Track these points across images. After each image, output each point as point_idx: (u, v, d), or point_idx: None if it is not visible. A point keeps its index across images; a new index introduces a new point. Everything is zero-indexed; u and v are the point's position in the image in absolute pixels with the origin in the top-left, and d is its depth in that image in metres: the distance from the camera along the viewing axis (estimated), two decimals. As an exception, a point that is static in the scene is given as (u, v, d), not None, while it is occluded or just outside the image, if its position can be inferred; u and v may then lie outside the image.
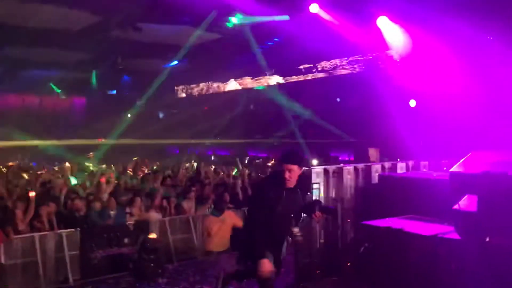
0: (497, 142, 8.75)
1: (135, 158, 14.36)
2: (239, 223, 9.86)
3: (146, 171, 13.23)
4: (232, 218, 9.66)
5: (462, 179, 4.35)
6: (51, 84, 21.49)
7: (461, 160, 4.54)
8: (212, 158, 17.83)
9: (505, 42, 9.41)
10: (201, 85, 21.44)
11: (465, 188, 4.33)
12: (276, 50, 14.19)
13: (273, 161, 15.15)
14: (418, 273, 4.39)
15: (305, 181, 4.46)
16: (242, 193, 11.21)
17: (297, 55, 14.61)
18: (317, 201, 4.41)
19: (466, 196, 4.39)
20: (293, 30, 11.06)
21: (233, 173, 13.41)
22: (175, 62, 17.26)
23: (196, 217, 9.84)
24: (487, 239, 3.99)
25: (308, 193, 4.45)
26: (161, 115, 22.76)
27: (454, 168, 4.52)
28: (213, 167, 14.36)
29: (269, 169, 14.14)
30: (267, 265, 3.92)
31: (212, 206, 9.83)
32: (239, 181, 11.72)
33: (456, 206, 4.31)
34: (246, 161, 16.32)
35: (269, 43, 12.73)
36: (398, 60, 12.30)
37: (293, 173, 4.07)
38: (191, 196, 10.24)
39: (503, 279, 3.80)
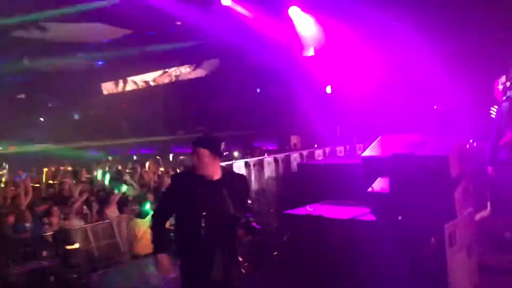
0: (406, 126, 9.27)
1: (52, 168, 13.65)
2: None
3: (64, 177, 12.60)
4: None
5: (374, 162, 4.54)
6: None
7: (372, 144, 4.73)
8: (135, 157, 17.32)
9: (414, 28, 9.93)
10: (117, 82, 20.72)
11: (377, 171, 4.52)
12: (192, 44, 14.01)
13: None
14: (339, 256, 4.53)
15: (238, 181, 3.80)
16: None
17: (213, 48, 14.53)
18: (243, 217, 3.58)
19: (379, 178, 4.59)
20: (207, 23, 10.95)
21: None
22: (88, 59, 16.54)
23: (120, 221, 9.52)
24: (399, 218, 4.20)
25: (249, 201, 3.79)
26: (76, 117, 21.73)
27: (366, 153, 4.70)
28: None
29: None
30: (163, 261, 3.63)
31: (137, 207, 9.57)
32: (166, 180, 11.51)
33: (370, 189, 4.49)
34: (171, 159, 16.04)
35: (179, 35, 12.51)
36: (312, 50, 12.60)
37: (202, 158, 3.61)
38: (113, 199, 9.89)
39: (414, 255, 4.02)
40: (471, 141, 6.70)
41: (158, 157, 13.44)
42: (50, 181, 12.11)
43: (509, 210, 5.57)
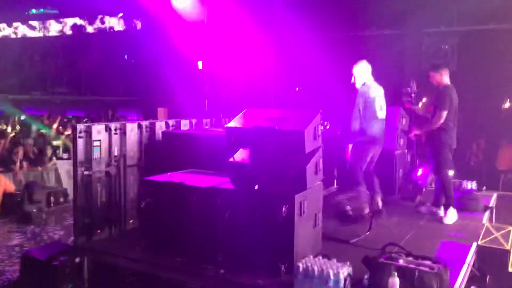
0: (271, 104, 9.71)
1: None
2: (11, 187, 8.93)
3: None
4: (2, 183, 8.69)
5: (237, 133, 4.68)
6: None
7: (237, 117, 4.86)
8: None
9: (283, 12, 10.35)
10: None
11: (239, 141, 4.67)
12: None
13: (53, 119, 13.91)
14: (198, 223, 4.61)
15: None
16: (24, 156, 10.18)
17: (76, 8, 13.51)
18: None
19: (241, 149, 4.75)
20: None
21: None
22: None
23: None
24: (256, 187, 4.40)
25: None
26: None
27: (230, 124, 4.82)
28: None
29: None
30: None
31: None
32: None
33: (231, 159, 4.63)
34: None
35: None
36: (185, 18, 12.41)
37: None
38: None
39: (267, 222, 4.27)
40: (325, 123, 7.27)
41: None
42: None
43: (350, 186, 6.23)
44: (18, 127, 12.71)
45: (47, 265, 5.09)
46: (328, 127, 7.37)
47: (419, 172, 7.19)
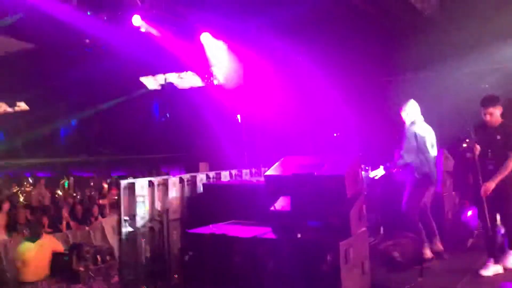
0: (308, 150, 9.70)
1: None
2: (59, 247, 9.11)
3: None
4: (51, 243, 8.88)
5: (276, 181, 4.67)
6: None
7: (275, 165, 4.87)
8: (30, 180, 16.17)
9: (315, 62, 10.55)
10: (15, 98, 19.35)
11: (278, 189, 4.65)
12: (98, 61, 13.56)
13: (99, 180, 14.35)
14: (241, 274, 4.54)
15: None
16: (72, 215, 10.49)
17: (120, 68, 14.19)
18: None
19: (281, 197, 4.73)
20: (117, 42, 10.73)
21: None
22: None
23: (8, 246, 8.78)
24: (299, 236, 4.33)
25: None
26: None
27: (269, 172, 4.83)
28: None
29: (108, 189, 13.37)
30: None
31: (27, 231, 8.89)
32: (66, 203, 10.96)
33: (272, 208, 4.60)
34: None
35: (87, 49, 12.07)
36: (222, 77, 12.83)
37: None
38: (1, 221, 9.15)
39: (311, 272, 4.15)
40: (367, 168, 7.15)
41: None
42: None
43: (397, 232, 5.98)
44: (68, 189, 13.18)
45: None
46: (369, 172, 7.23)
47: (469, 213, 6.87)
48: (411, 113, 6.09)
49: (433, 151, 6.02)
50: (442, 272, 5.63)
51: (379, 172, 6.10)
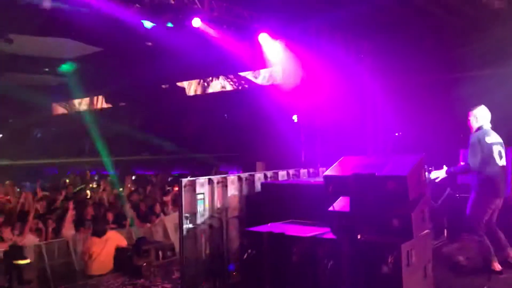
0: (367, 148, 9.51)
1: (7, 182, 13.22)
2: (123, 242, 9.47)
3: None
4: (115, 238, 9.25)
5: (335, 181, 4.61)
6: None
7: (334, 164, 4.82)
8: (96, 178, 16.95)
9: (372, 61, 10.34)
10: (81, 100, 20.41)
11: (338, 190, 4.60)
12: (160, 64, 14.01)
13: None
14: (299, 273, 4.54)
15: None
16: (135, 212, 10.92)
17: (181, 70, 14.59)
18: None
19: (340, 197, 4.67)
20: (177, 44, 11.02)
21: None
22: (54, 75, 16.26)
23: (76, 240, 9.25)
24: (359, 237, 4.25)
25: None
26: (38, 134, 21.16)
27: (328, 172, 4.78)
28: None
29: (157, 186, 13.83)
30: None
31: (94, 227, 9.33)
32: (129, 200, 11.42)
33: (331, 208, 4.55)
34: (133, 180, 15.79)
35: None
36: (279, 77, 12.85)
37: None
38: (69, 217, 9.63)
39: (371, 273, 4.07)
40: (430, 168, 6.91)
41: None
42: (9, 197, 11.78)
43: (463, 236, 5.73)
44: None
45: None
46: (431, 172, 6.97)
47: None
48: (480, 118, 5.77)
49: (501, 161, 5.62)
50: (512, 280, 5.34)
51: (441, 174, 5.82)
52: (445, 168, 5.80)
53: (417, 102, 9.47)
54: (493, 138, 5.67)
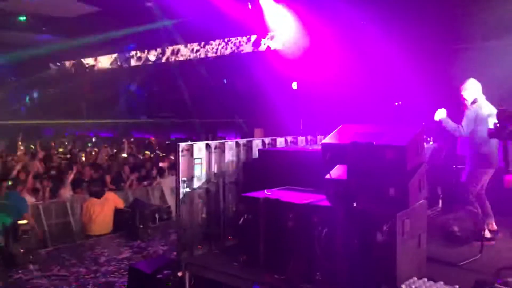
0: (366, 117, 9.46)
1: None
2: (121, 204, 9.55)
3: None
4: (113, 199, 9.33)
5: (333, 149, 4.58)
6: None
7: (333, 132, 4.78)
8: (94, 139, 16.95)
9: (378, 28, 10.15)
10: (79, 62, 20.14)
11: (335, 158, 4.58)
12: (160, 28, 13.78)
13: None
14: (294, 239, 4.57)
15: None
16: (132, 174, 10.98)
17: (181, 34, 14.36)
18: None
19: (337, 165, 4.66)
20: (176, 8, 10.81)
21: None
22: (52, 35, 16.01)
23: (74, 201, 9.32)
24: (354, 205, 4.26)
25: None
26: (35, 94, 21.01)
27: (326, 140, 4.75)
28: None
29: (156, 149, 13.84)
30: None
31: (92, 188, 9.38)
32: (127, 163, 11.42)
33: (328, 176, 4.54)
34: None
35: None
36: (280, 43, 12.65)
37: None
38: (67, 178, 9.68)
39: (366, 241, 4.10)
40: (429, 139, 6.89)
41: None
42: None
43: (457, 206, 5.80)
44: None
45: (152, 278, 5.35)
46: (431, 143, 6.97)
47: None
48: (474, 91, 5.79)
49: None
50: (504, 250, 5.42)
51: (443, 115, 5.83)
52: (444, 109, 5.82)
53: (418, 72, 9.37)
54: (488, 109, 5.70)
